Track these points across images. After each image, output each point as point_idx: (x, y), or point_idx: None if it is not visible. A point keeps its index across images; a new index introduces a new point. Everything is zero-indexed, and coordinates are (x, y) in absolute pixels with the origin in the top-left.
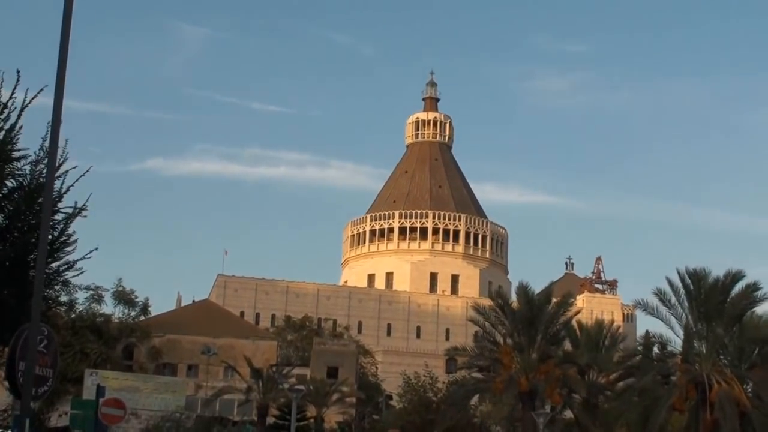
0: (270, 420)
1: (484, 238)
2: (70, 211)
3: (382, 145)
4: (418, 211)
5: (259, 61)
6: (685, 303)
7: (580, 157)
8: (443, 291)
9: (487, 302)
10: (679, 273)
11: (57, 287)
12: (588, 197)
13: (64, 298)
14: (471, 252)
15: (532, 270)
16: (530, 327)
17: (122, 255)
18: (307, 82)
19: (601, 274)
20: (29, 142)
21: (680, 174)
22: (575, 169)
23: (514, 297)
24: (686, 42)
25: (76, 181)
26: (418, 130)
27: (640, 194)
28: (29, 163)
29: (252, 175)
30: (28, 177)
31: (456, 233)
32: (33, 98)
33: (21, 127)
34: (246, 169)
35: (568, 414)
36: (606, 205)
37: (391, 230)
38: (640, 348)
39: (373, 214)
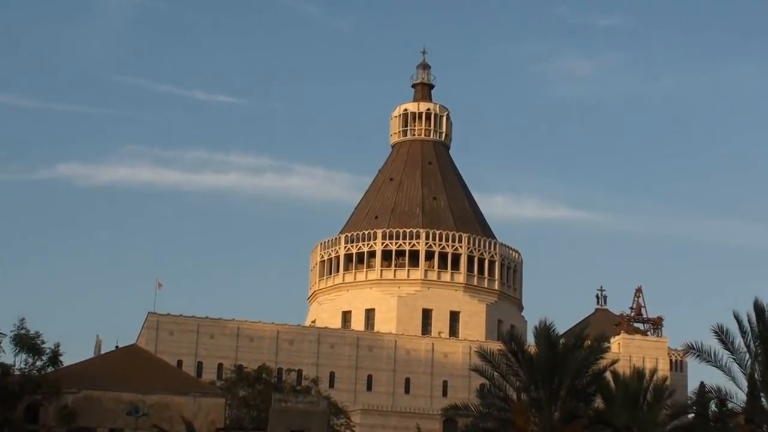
0: None
1: (491, 264)
2: None
3: (360, 145)
4: (407, 230)
5: (204, 38)
6: (752, 346)
7: (613, 161)
8: (439, 333)
9: (495, 346)
10: (736, 314)
11: None
12: (625, 212)
13: None
14: (475, 282)
15: (553, 305)
16: (552, 378)
17: (25, 287)
18: (266, 66)
19: (642, 310)
20: None
21: (744, 183)
22: (608, 176)
23: (530, 340)
24: (752, 12)
25: None
26: (406, 125)
27: (692, 208)
28: None
29: (195, 184)
30: None
31: (456, 258)
32: None
33: None
34: (187, 177)
35: None
36: (648, 222)
37: (372, 254)
38: (692, 404)
39: (349, 234)
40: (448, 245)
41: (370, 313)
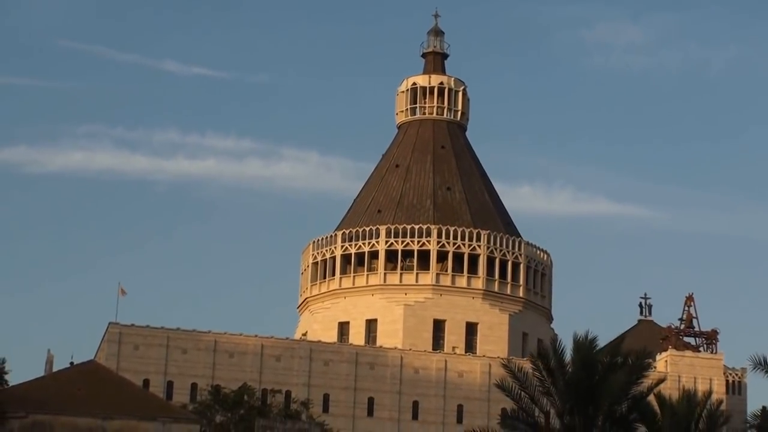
0: None
1: (515, 267)
2: None
3: (361, 126)
4: (416, 227)
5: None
6: None
7: (664, 144)
8: (454, 348)
9: (522, 364)
10: None
11: None
12: (676, 206)
13: None
14: (496, 288)
15: (588, 315)
16: (590, 402)
17: None
18: (249, 32)
19: (694, 322)
20: None
21: None
22: (656, 162)
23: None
24: None
25: None
26: (415, 102)
27: (756, 202)
28: None
29: (165, 171)
30: None
31: (473, 260)
32: None
33: None
34: (156, 163)
35: None
36: (703, 217)
37: (374, 255)
38: None
39: (347, 231)
40: (464, 244)
41: (371, 325)
